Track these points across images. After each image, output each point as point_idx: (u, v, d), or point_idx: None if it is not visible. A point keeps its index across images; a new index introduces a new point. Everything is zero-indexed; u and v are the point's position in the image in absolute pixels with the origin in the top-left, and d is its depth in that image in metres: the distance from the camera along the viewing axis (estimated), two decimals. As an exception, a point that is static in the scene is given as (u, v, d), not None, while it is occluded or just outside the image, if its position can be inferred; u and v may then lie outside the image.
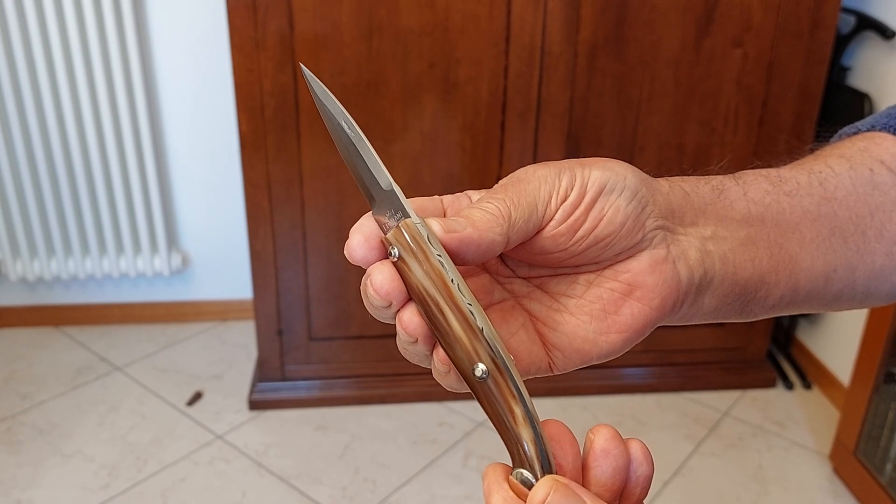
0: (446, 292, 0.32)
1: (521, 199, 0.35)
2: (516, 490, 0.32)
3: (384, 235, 0.34)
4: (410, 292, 0.33)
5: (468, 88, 1.61)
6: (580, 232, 0.35)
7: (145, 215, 2.03)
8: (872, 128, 0.46)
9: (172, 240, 2.15)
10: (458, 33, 1.56)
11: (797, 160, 0.44)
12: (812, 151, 0.45)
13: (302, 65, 0.41)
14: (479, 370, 0.32)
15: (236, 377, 2.01)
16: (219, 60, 1.92)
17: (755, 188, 0.41)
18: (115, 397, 1.92)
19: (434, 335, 0.34)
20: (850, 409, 1.62)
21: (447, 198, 0.37)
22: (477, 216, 0.34)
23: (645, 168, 0.39)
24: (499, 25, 1.56)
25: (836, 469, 1.67)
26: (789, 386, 1.99)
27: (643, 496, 0.35)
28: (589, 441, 0.34)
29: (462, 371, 0.33)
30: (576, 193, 0.35)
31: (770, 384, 1.99)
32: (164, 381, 1.99)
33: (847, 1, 1.78)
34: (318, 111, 0.37)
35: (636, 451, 0.35)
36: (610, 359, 0.38)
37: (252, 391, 1.89)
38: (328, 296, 1.80)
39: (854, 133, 0.46)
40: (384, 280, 0.33)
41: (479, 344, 0.32)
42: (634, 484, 0.35)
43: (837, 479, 1.66)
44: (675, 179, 0.40)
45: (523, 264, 0.39)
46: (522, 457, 0.33)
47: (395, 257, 0.33)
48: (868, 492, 1.56)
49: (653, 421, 1.86)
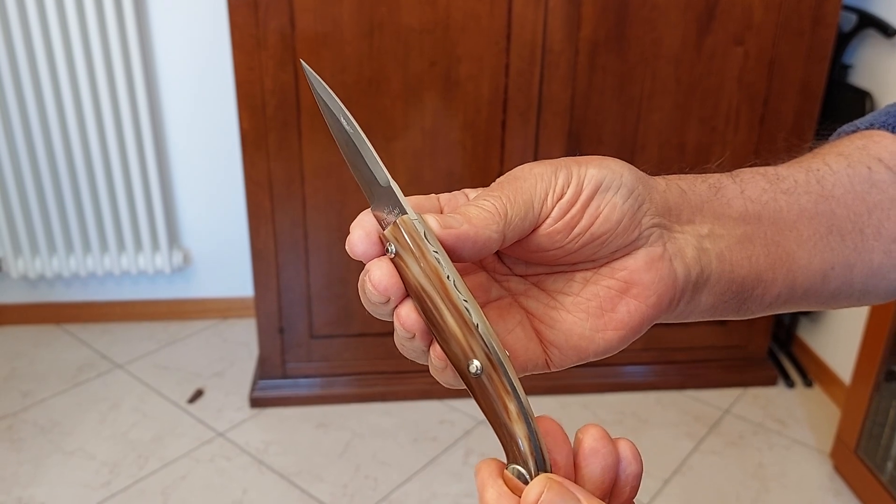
0: (442, 289, 0.32)
1: (518, 197, 0.35)
2: (511, 484, 0.32)
3: (382, 231, 0.34)
4: (407, 288, 0.33)
5: (469, 86, 1.61)
6: (576, 229, 0.35)
7: (146, 213, 2.04)
8: (871, 126, 0.46)
9: (174, 237, 2.15)
10: (459, 31, 1.56)
11: (796, 158, 0.44)
12: (811, 149, 0.45)
13: (303, 61, 0.41)
14: (474, 366, 0.33)
15: (237, 375, 2.01)
16: (220, 58, 1.92)
17: (752, 186, 0.41)
18: (117, 395, 1.92)
19: (430, 331, 0.34)
20: (851, 407, 1.62)
21: (444, 196, 0.37)
22: (473, 213, 0.34)
23: (646, 166, 0.39)
24: (500, 23, 1.56)
25: (837, 467, 1.68)
26: (790, 384, 1.99)
27: (633, 494, 0.35)
28: (578, 441, 0.35)
29: (458, 367, 0.33)
30: (572, 191, 0.35)
31: (771, 382, 1.99)
32: (166, 379, 1.99)
33: (848, -1, 1.79)
34: (319, 108, 0.37)
35: (625, 450, 0.35)
36: (606, 356, 0.38)
37: (253, 389, 1.89)
38: (329, 294, 1.80)
39: (853, 131, 0.46)
40: (382, 276, 0.33)
41: (474, 340, 0.32)
42: (624, 482, 0.35)
43: (838, 477, 1.66)
44: (673, 177, 0.40)
45: (520, 262, 0.39)
46: (517, 453, 0.33)
47: (393, 253, 0.33)
48: (869, 490, 1.56)
49: (653, 419, 1.86)
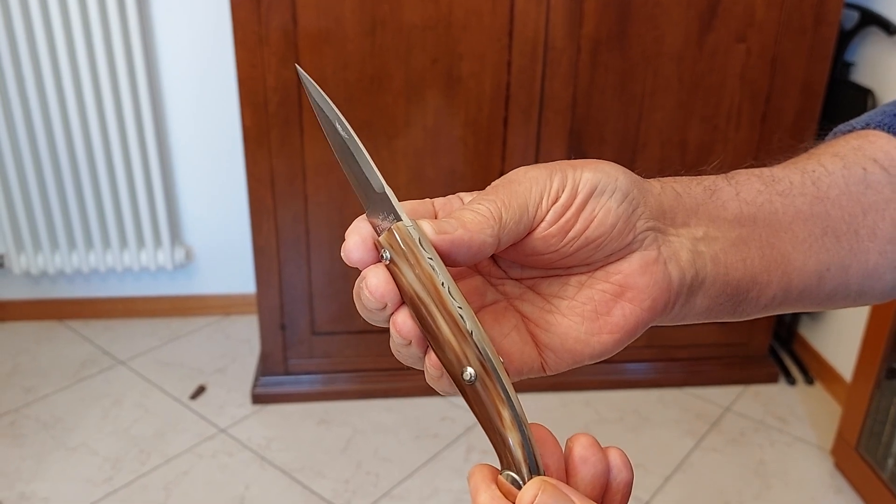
0: (436, 295, 0.32)
1: (512, 201, 0.35)
2: (504, 489, 0.33)
3: (377, 238, 0.34)
4: (402, 295, 0.33)
5: (471, 84, 1.61)
6: (571, 233, 0.35)
7: (149, 209, 2.04)
8: (867, 125, 0.45)
9: (176, 234, 2.16)
10: (461, 28, 1.56)
11: (792, 159, 0.44)
12: (807, 150, 0.45)
13: (298, 66, 0.41)
14: (468, 374, 0.33)
15: (239, 371, 2.02)
16: (222, 56, 1.92)
17: (748, 188, 0.41)
18: (119, 391, 1.93)
19: (425, 338, 0.34)
20: (852, 405, 1.62)
21: (438, 200, 0.37)
22: (468, 217, 0.34)
23: (647, 164, 0.39)
24: (502, 20, 1.56)
25: (838, 464, 1.68)
26: (791, 381, 1.99)
27: (624, 502, 0.35)
28: (568, 449, 0.35)
29: (452, 374, 0.33)
30: (567, 195, 0.35)
31: (772, 379, 1.99)
32: (168, 375, 1.99)
33: (851, -4, 1.78)
34: (314, 112, 0.37)
35: (615, 459, 0.35)
36: (602, 359, 0.38)
37: (255, 385, 1.89)
38: (331, 290, 1.80)
39: (849, 131, 0.46)
40: (379, 283, 0.33)
41: (468, 347, 0.32)
42: (615, 490, 0.35)
43: (839, 475, 1.67)
44: (667, 180, 0.40)
45: (516, 265, 0.39)
46: (510, 460, 0.33)
47: (388, 260, 0.33)
48: (870, 487, 1.56)
49: (655, 416, 1.86)
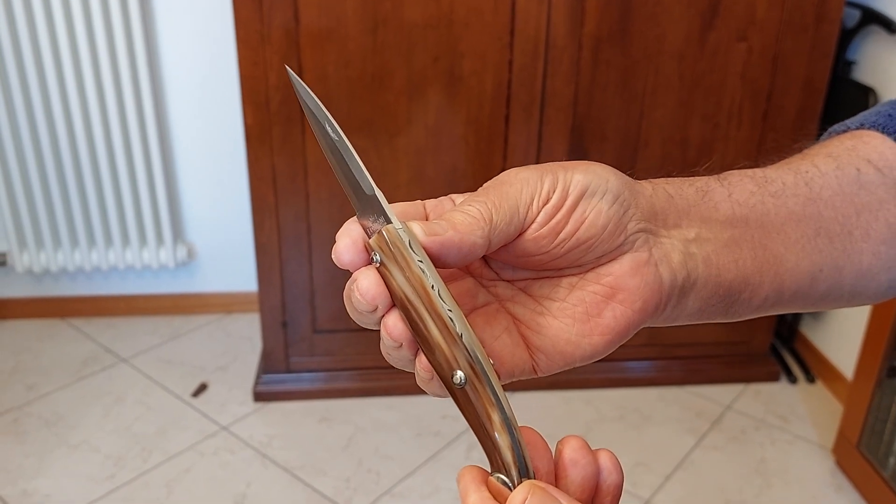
0: (426, 299, 0.32)
1: (503, 202, 0.35)
2: (494, 491, 0.33)
3: (368, 240, 0.34)
4: (393, 298, 0.33)
5: (472, 82, 1.61)
6: (562, 235, 0.35)
7: (151, 208, 2.04)
8: (861, 126, 0.45)
9: (178, 232, 2.16)
10: (463, 26, 1.56)
11: (786, 159, 0.44)
12: (801, 150, 0.45)
13: (287, 67, 0.41)
14: (458, 377, 0.33)
15: (241, 369, 2.02)
16: (224, 53, 1.92)
17: (740, 189, 0.40)
18: (121, 388, 1.93)
19: (416, 341, 0.34)
20: (854, 403, 1.62)
21: (430, 202, 0.37)
22: (458, 219, 0.34)
23: (648, 162, 0.39)
24: (503, 19, 1.56)
25: (839, 462, 1.68)
26: (793, 380, 1.99)
27: None
28: (558, 451, 0.35)
29: (442, 377, 0.33)
30: (558, 196, 0.35)
31: (773, 378, 1.99)
32: (170, 373, 2.00)
33: (853, -5, 1.78)
34: (305, 114, 0.37)
35: (605, 461, 0.35)
36: (592, 361, 0.38)
37: (256, 383, 1.90)
38: (332, 288, 1.80)
39: (843, 131, 0.46)
40: (370, 285, 0.33)
41: (458, 350, 0.32)
42: (605, 493, 0.35)
43: (840, 473, 1.67)
44: (659, 181, 0.40)
45: (507, 267, 0.39)
46: (500, 463, 0.33)
47: (378, 263, 0.33)
48: (871, 485, 1.56)
49: (656, 414, 1.86)
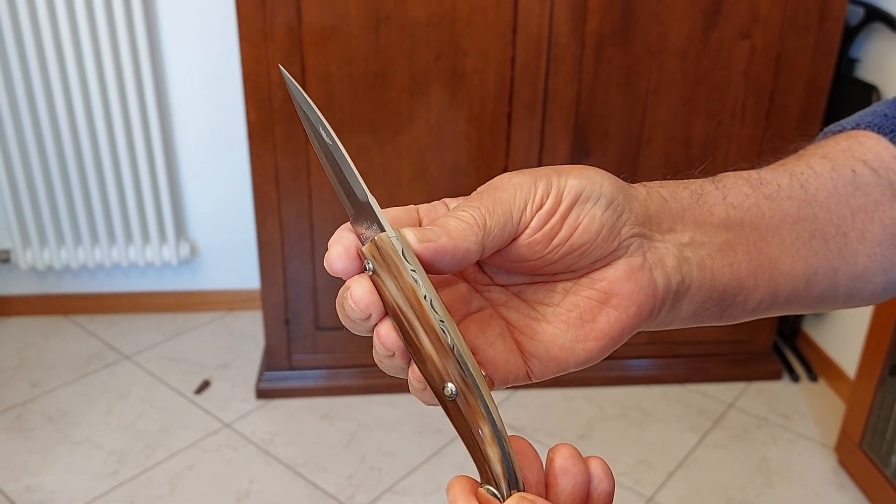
0: (419, 309, 0.32)
1: (497, 207, 0.35)
2: (484, 502, 0.33)
3: (361, 248, 0.34)
4: (385, 307, 0.33)
5: (475, 80, 1.61)
6: (556, 240, 0.35)
7: (154, 205, 2.04)
8: (857, 126, 0.45)
9: (181, 229, 2.16)
10: (466, 24, 1.56)
11: (781, 160, 0.44)
12: (796, 150, 0.45)
13: (282, 67, 0.41)
14: (449, 389, 0.32)
15: (244, 366, 2.02)
16: (227, 51, 1.93)
17: (735, 192, 0.40)
18: (124, 385, 1.93)
19: (408, 351, 0.34)
20: (856, 402, 1.62)
21: (423, 207, 0.37)
22: (452, 225, 0.34)
23: (651, 160, 0.39)
24: (506, 16, 1.56)
25: (842, 461, 1.68)
26: (795, 378, 1.99)
27: None
28: (549, 460, 0.35)
29: (434, 388, 0.33)
30: (551, 201, 0.35)
31: (776, 376, 1.99)
32: (173, 370, 2.00)
33: (856, -8, 1.78)
34: (299, 117, 0.37)
35: (596, 469, 0.35)
36: (587, 366, 0.38)
37: (259, 380, 1.90)
38: (335, 286, 1.80)
39: (839, 131, 0.46)
40: (363, 293, 0.33)
41: (450, 362, 0.32)
42: (596, 500, 0.35)
43: (842, 471, 1.67)
44: (654, 185, 0.40)
45: (501, 271, 0.39)
46: (490, 474, 0.33)
47: (371, 271, 0.33)
48: (873, 483, 1.56)
49: (658, 412, 1.86)
